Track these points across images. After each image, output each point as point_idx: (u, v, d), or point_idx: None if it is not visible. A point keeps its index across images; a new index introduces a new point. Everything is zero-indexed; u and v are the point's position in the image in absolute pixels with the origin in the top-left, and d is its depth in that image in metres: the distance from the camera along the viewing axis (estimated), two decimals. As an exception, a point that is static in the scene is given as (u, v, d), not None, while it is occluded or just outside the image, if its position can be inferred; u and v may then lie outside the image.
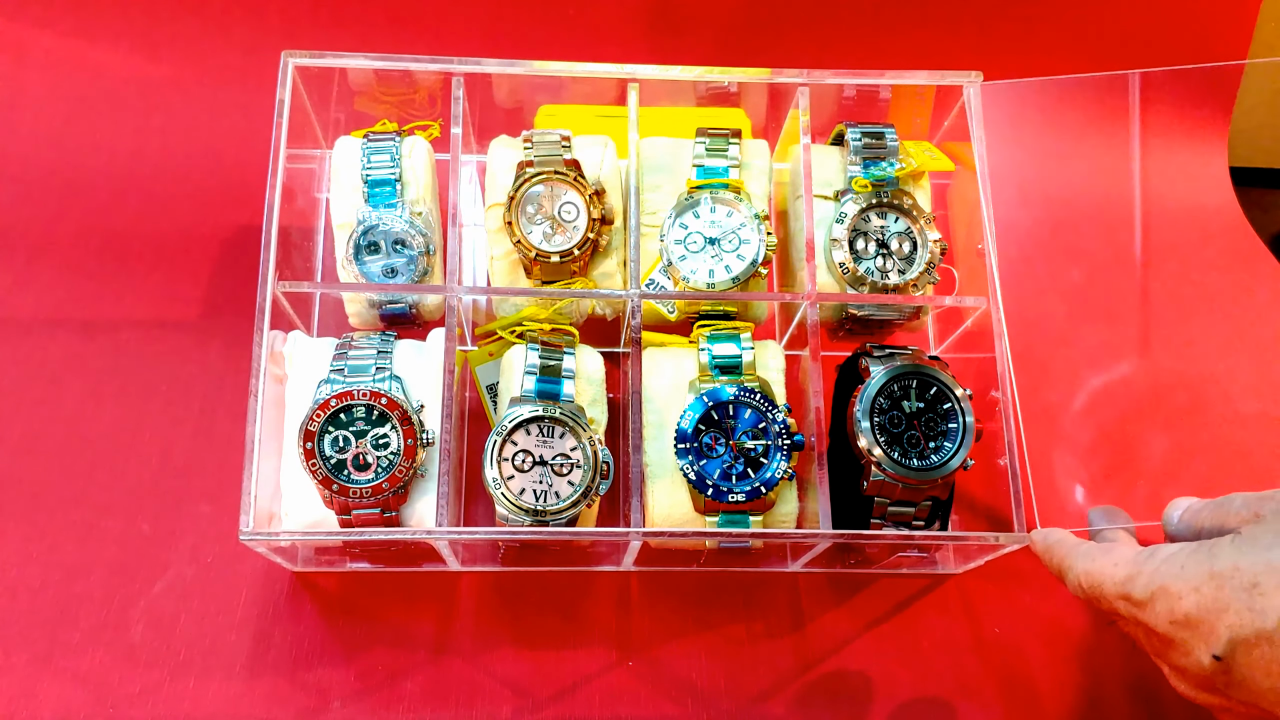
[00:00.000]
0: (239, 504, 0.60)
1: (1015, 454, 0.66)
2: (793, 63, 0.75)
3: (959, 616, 0.72)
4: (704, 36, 0.94)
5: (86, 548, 0.70)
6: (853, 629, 0.71)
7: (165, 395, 0.77)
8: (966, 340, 0.74)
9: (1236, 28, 0.95)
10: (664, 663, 0.69)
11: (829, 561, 0.72)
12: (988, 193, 0.71)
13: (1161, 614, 0.50)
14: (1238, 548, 0.48)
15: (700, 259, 0.69)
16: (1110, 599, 0.54)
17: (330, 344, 0.67)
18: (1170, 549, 0.52)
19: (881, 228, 0.71)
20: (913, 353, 0.67)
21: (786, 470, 0.64)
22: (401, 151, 0.69)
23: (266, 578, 0.70)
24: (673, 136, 0.74)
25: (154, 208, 0.85)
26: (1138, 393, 0.85)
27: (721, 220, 0.70)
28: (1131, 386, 0.85)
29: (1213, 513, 0.54)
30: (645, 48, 0.93)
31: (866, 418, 0.64)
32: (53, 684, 0.65)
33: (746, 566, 0.73)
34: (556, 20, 0.92)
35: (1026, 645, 0.72)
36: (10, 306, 0.80)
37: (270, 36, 0.90)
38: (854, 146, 0.72)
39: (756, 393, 0.65)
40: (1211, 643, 0.48)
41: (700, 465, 0.64)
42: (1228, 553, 0.48)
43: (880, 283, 0.70)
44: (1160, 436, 0.83)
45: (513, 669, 0.68)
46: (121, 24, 0.89)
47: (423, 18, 0.91)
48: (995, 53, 0.95)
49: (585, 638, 0.70)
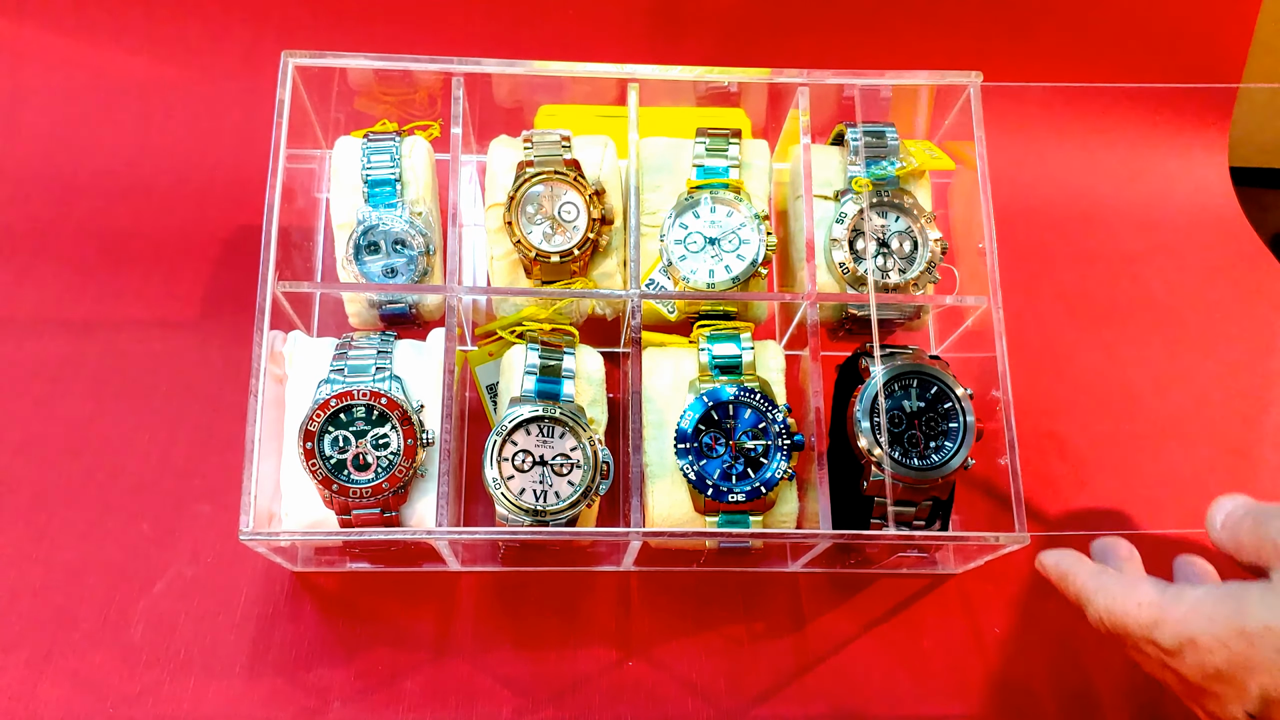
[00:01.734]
0: (239, 504, 0.60)
1: (1015, 454, 0.66)
2: (793, 63, 0.75)
3: (959, 616, 0.72)
4: (704, 36, 0.93)
5: (86, 548, 0.70)
6: (853, 629, 0.71)
7: (165, 395, 0.77)
8: (966, 340, 0.74)
9: (1237, 27, 0.95)
10: (664, 663, 0.69)
11: (829, 561, 0.72)
12: (987, 192, 0.71)
13: (1193, 666, 0.50)
14: (1267, 605, 0.48)
15: (700, 259, 0.69)
16: (1136, 641, 0.53)
17: (330, 344, 0.67)
18: (1196, 594, 0.52)
19: (882, 227, 0.71)
20: (913, 352, 0.67)
21: (786, 470, 0.64)
22: (401, 151, 0.69)
23: (266, 578, 0.70)
24: (673, 136, 0.74)
25: (154, 208, 0.85)
26: (1138, 393, 0.85)
27: (721, 220, 0.70)
28: (1131, 387, 0.85)
29: (1252, 528, 0.53)
30: (645, 48, 0.93)
31: (866, 417, 0.64)
32: (53, 684, 0.65)
33: (746, 566, 0.73)
34: (556, 20, 0.92)
35: (1026, 645, 0.72)
36: (10, 306, 0.80)
37: (270, 36, 0.90)
38: (854, 146, 0.72)
39: (756, 393, 0.65)
40: (1245, 699, 0.48)
41: (700, 465, 0.64)
42: (1258, 610, 0.48)
43: (881, 282, 0.70)
44: (1160, 437, 0.83)
45: (513, 669, 0.68)
46: (121, 24, 0.89)
47: (423, 18, 0.91)
48: (995, 53, 0.95)
49: (585, 638, 0.70)
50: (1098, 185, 0.96)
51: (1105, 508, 0.78)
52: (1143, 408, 0.84)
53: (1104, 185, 0.97)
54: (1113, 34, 0.95)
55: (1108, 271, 0.91)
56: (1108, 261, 0.92)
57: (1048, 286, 0.90)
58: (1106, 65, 0.96)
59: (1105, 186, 0.97)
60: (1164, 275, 0.92)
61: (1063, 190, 0.96)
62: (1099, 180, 0.97)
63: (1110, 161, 0.97)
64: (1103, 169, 0.97)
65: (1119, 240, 0.93)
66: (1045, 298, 0.89)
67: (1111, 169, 0.97)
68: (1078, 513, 0.78)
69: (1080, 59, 0.96)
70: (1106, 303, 0.89)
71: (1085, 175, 0.97)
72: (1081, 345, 0.87)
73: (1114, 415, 0.83)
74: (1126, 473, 0.80)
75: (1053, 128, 0.97)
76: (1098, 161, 0.97)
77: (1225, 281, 0.92)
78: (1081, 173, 0.97)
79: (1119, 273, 0.91)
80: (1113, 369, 0.85)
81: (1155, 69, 0.96)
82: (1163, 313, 0.89)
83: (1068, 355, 0.86)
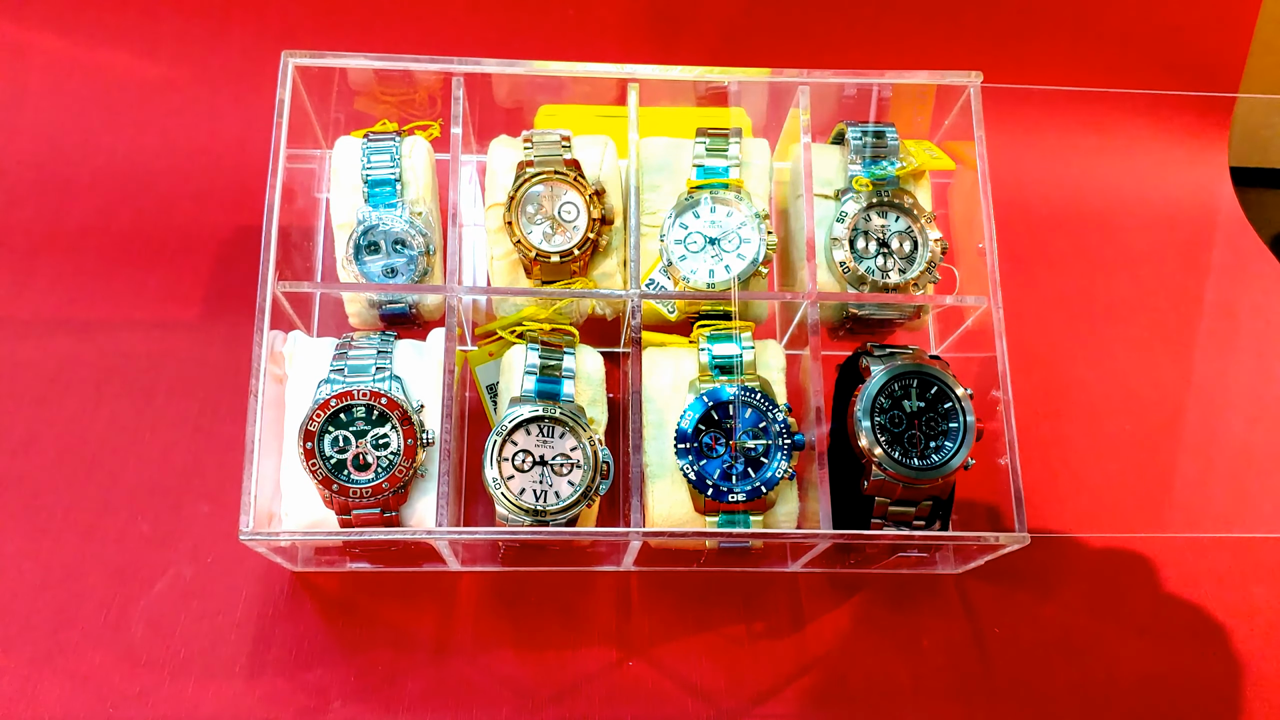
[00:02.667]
0: (239, 504, 0.60)
1: (1015, 454, 0.66)
2: (793, 63, 0.75)
3: (959, 616, 0.72)
4: (704, 36, 0.93)
5: (87, 548, 0.70)
6: (853, 629, 0.71)
7: (165, 395, 0.77)
8: (967, 340, 0.74)
9: (1237, 27, 0.95)
10: (664, 663, 0.69)
11: (829, 561, 0.72)
12: (987, 192, 0.71)
13: None
14: None
15: (700, 259, 0.69)
16: None
17: (330, 344, 0.67)
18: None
19: (882, 227, 0.71)
20: (913, 352, 0.67)
21: (787, 470, 0.64)
22: (401, 151, 0.69)
23: (266, 578, 0.70)
24: (673, 136, 0.74)
25: (154, 208, 0.85)
26: (1138, 393, 0.85)
27: (722, 220, 0.70)
28: (1131, 387, 0.85)
29: None
30: (645, 48, 0.93)
31: (867, 417, 0.64)
32: (53, 684, 0.65)
33: (746, 566, 0.73)
34: (556, 20, 0.92)
35: (1026, 645, 0.72)
36: (10, 306, 0.80)
37: (270, 36, 0.90)
38: (854, 145, 0.72)
39: (757, 392, 0.65)
40: None
41: (700, 465, 0.64)
42: None
43: (881, 282, 0.70)
44: (1160, 437, 0.83)
45: (513, 669, 0.68)
46: (122, 24, 0.89)
47: (423, 18, 0.91)
48: (995, 53, 0.95)
49: (585, 638, 0.70)
50: (1098, 185, 0.96)
51: (1105, 508, 0.78)
52: (1143, 408, 0.84)
53: (1104, 185, 0.97)
54: (1113, 34, 0.95)
55: (1108, 271, 0.91)
56: (1108, 261, 0.92)
57: (1048, 286, 0.90)
58: (1106, 65, 0.96)
59: (1105, 186, 0.96)
60: (1164, 275, 0.92)
61: (1063, 190, 0.96)
62: (1099, 180, 0.97)
63: (1110, 161, 0.97)
64: (1103, 169, 0.97)
65: (1119, 240, 0.93)
66: (1045, 298, 0.89)
67: (1111, 169, 0.97)
68: (1078, 513, 0.78)
69: (1080, 59, 0.96)
70: (1106, 303, 0.89)
71: (1085, 175, 0.97)
72: (1081, 345, 0.87)
73: (1114, 415, 0.83)
74: (1127, 473, 0.80)
75: (1053, 128, 0.97)
76: (1098, 161, 0.97)
77: (1225, 281, 0.92)
78: (1081, 172, 0.97)
79: (1119, 273, 0.91)
80: (1113, 369, 0.85)
81: (1155, 69, 0.96)
82: (1163, 313, 0.89)
83: (1068, 355, 0.86)
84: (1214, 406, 0.84)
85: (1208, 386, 0.85)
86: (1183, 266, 0.93)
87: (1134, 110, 0.98)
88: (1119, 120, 0.98)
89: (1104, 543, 0.77)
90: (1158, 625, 0.74)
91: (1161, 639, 0.73)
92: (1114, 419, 0.83)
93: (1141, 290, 0.91)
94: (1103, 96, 0.96)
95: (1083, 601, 0.74)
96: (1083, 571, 0.75)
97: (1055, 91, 0.96)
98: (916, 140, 0.76)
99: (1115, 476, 0.80)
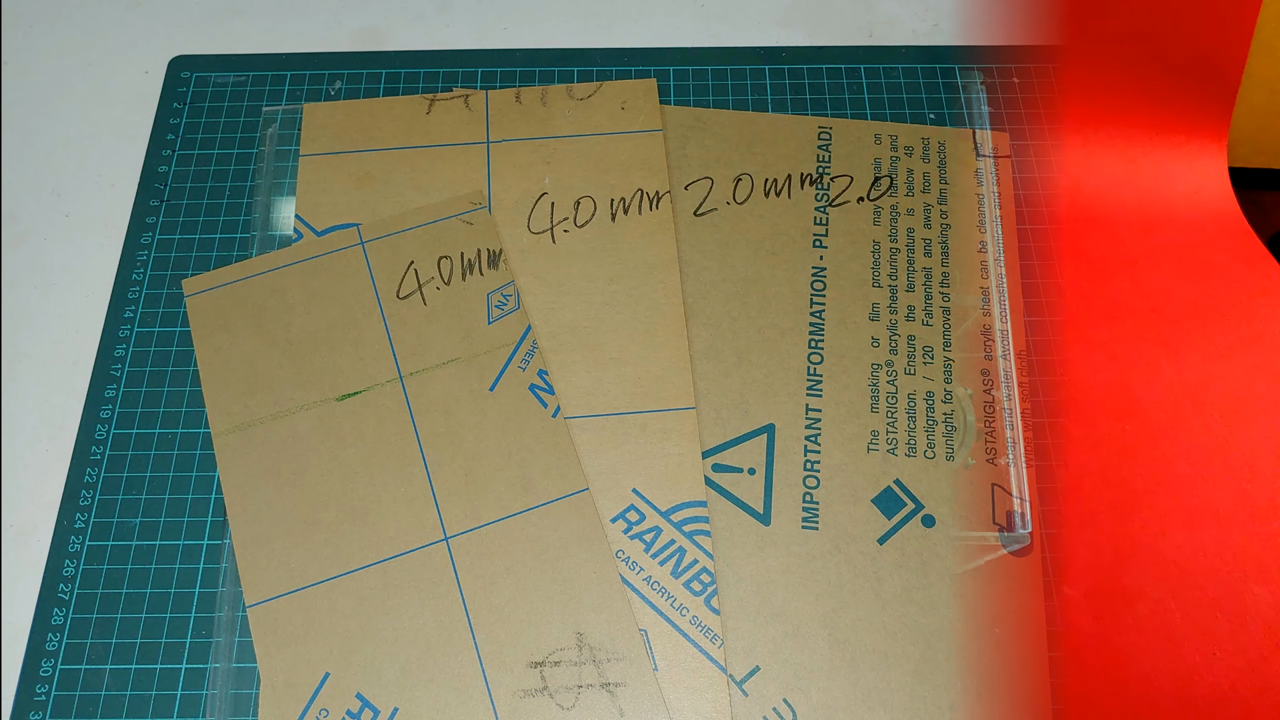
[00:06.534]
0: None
1: (1015, 453, 0.66)
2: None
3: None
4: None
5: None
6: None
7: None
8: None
9: (1237, 27, 0.95)
10: (664, 663, 0.69)
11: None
12: (991, 192, 0.71)
13: None
14: None
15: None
16: None
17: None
18: None
19: (882, 227, 0.71)
20: (913, 352, 0.67)
21: (787, 470, 0.64)
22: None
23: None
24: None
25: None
26: (1137, 393, 0.84)
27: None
28: (1131, 387, 0.85)
29: None
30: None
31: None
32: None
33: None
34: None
35: (1026, 645, 0.72)
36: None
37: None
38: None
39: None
40: None
41: (700, 465, 0.63)
42: None
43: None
44: (1160, 437, 0.83)
45: (513, 669, 0.68)
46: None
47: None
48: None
49: (585, 638, 0.69)
50: (1098, 185, 0.96)
51: (1105, 508, 0.78)
52: (1142, 408, 0.83)
53: (1104, 185, 0.96)
54: (1112, 34, 0.95)
55: (1108, 272, 0.91)
56: (1108, 262, 0.92)
57: (1048, 286, 0.90)
58: (1106, 65, 0.96)
59: (1105, 186, 0.96)
60: (1164, 275, 0.91)
61: (1063, 190, 0.95)
62: (1099, 180, 0.96)
63: (1110, 161, 0.97)
64: (1102, 169, 0.97)
65: (1119, 241, 0.93)
66: (1045, 298, 0.89)
67: (1111, 169, 0.97)
68: (1078, 513, 0.78)
69: (1080, 58, 0.96)
70: (1106, 303, 0.89)
71: (1085, 175, 0.96)
72: (1081, 345, 0.86)
73: (1114, 415, 0.83)
74: (1126, 473, 0.80)
75: (1053, 127, 0.97)
76: (1098, 161, 0.97)
77: (1225, 281, 0.92)
78: (1081, 173, 0.96)
79: (1119, 273, 0.91)
80: (1113, 369, 0.85)
81: (1155, 69, 0.96)
82: (1162, 313, 0.89)
83: (1068, 355, 0.86)
84: (1213, 406, 0.84)
85: (1207, 386, 0.85)
86: (1182, 266, 0.92)
87: (1134, 111, 0.98)
88: (1119, 121, 0.98)
89: (1104, 543, 0.77)
90: (1158, 625, 0.74)
91: (1162, 639, 0.73)
92: (1113, 419, 0.83)
93: (1141, 290, 0.90)
94: (1104, 97, 0.96)
95: (1083, 601, 0.74)
96: (1083, 571, 0.75)
97: (1054, 91, 0.96)
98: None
99: (1115, 477, 0.80)
